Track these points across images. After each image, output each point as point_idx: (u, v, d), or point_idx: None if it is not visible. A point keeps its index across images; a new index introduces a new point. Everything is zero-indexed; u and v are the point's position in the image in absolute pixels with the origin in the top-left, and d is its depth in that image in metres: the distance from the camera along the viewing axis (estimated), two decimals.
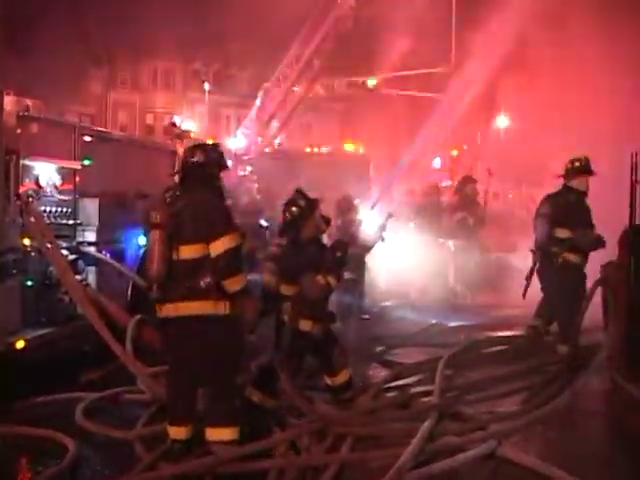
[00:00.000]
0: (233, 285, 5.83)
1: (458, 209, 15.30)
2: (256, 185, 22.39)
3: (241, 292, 5.90)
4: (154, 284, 6.00)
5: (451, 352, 9.03)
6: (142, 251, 10.52)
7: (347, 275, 10.09)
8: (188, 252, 5.91)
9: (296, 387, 6.89)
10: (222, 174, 6.36)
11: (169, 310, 5.94)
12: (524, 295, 9.95)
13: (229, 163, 6.62)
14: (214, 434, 5.90)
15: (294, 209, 7.12)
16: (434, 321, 12.29)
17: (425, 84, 34.85)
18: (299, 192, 7.29)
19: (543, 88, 17.87)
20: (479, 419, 6.87)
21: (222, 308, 5.87)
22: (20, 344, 7.77)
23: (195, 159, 6.20)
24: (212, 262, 5.82)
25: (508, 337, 10.75)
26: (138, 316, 8.80)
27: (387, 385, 8.20)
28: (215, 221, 5.89)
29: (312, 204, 7.21)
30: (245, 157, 26.51)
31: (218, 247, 5.80)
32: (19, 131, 8.24)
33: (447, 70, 30.37)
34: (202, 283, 5.83)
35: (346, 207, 12.98)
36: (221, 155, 6.39)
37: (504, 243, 17.01)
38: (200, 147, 6.35)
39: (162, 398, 7.10)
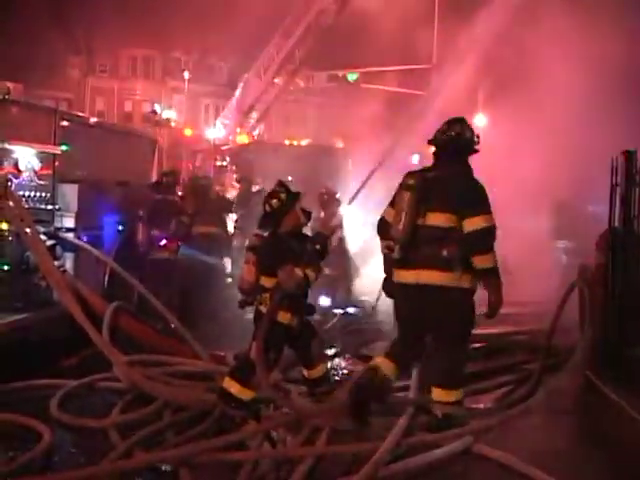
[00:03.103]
0: (483, 262, 6.09)
1: None
2: (235, 176, 22.28)
3: (491, 271, 6.15)
4: (396, 245, 6.34)
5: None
6: (120, 237, 10.50)
7: (328, 271, 10.13)
8: (436, 219, 6.17)
9: (272, 379, 6.88)
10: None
11: (408, 276, 6.27)
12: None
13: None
14: (439, 394, 6.35)
15: (275, 201, 7.05)
16: None
17: (406, 80, 34.85)
18: (281, 184, 7.23)
19: (522, 88, 17.91)
20: None
21: (458, 280, 6.13)
22: None
23: (452, 132, 6.49)
24: (465, 237, 6.07)
25: (485, 334, 10.79)
26: (115, 303, 8.78)
27: None
28: (475, 199, 6.18)
29: (293, 197, 7.16)
30: (223, 147, 26.40)
31: (474, 224, 6.04)
32: None
33: (428, 66, 30.37)
34: (445, 253, 6.11)
35: (328, 200, 12.99)
36: (474, 134, 6.58)
37: None
38: (459, 121, 6.58)
39: (138, 386, 7.09)
